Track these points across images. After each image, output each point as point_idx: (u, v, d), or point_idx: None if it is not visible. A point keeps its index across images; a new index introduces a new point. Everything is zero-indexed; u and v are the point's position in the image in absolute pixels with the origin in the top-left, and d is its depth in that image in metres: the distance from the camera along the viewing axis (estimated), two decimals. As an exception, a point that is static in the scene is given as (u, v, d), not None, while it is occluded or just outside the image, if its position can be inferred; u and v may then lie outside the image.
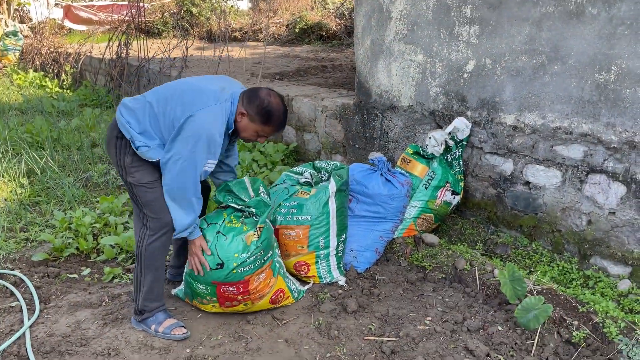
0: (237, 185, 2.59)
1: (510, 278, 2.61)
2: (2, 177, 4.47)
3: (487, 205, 3.52)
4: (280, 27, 11.24)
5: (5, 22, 12.13)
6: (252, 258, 2.50)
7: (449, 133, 3.41)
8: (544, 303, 2.47)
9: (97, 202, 4.08)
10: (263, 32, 10.65)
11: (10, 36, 11.58)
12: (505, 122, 3.28)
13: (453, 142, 3.44)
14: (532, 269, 3.10)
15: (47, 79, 9.35)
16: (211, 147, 2.30)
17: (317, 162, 3.21)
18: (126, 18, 8.01)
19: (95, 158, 5.14)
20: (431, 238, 3.32)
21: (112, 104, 7.40)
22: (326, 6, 12.63)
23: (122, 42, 7.63)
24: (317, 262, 2.96)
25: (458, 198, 3.48)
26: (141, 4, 8.08)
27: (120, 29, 7.98)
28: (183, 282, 2.72)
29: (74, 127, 6.09)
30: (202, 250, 2.48)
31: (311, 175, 3.16)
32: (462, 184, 3.50)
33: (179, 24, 10.95)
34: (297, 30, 10.82)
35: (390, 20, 3.80)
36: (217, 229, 2.52)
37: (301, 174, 3.19)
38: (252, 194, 2.59)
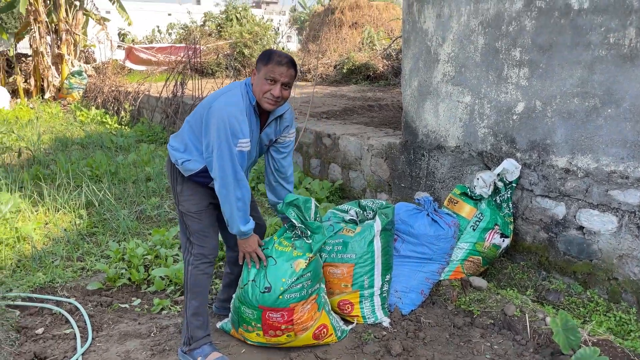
0: (305, 203, 2.61)
1: (564, 327, 2.51)
2: (63, 208, 4.72)
3: (539, 250, 3.41)
4: (328, 68, 11.52)
5: (71, 62, 13.03)
6: (298, 286, 2.55)
7: (498, 174, 3.37)
8: (600, 355, 2.35)
9: (150, 234, 4.23)
10: (311, 72, 10.94)
11: (75, 75, 12.42)
12: (557, 165, 3.21)
13: (502, 184, 3.39)
14: (587, 319, 2.96)
15: (107, 116, 9.90)
16: (235, 125, 2.33)
17: (362, 200, 3.23)
18: (183, 59, 8.45)
19: (149, 192, 5.35)
20: (479, 282, 3.24)
21: (166, 140, 7.74)
22: (373, 47, 12.88)
23: (178, 82, 8.03)
24: (361, 302, 2.94)
25: (507, 241, 3.39)
26: (197, 46, 8.52)
27: (176, 69, 8.41)
28: (231, 310, 2.77)
29: (130, 161, 6.40)
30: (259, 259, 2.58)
31: (356, 213, 3.18)
32: (511, 227, 3.42)
33: (232, 64, 11.42)
34: (344, 70, 11.06)
35: (437, 62, 3.85)
36: (268, 254, 2.61)
37: (346, 211, 3.21)
38: (313, 217, 2.65)
